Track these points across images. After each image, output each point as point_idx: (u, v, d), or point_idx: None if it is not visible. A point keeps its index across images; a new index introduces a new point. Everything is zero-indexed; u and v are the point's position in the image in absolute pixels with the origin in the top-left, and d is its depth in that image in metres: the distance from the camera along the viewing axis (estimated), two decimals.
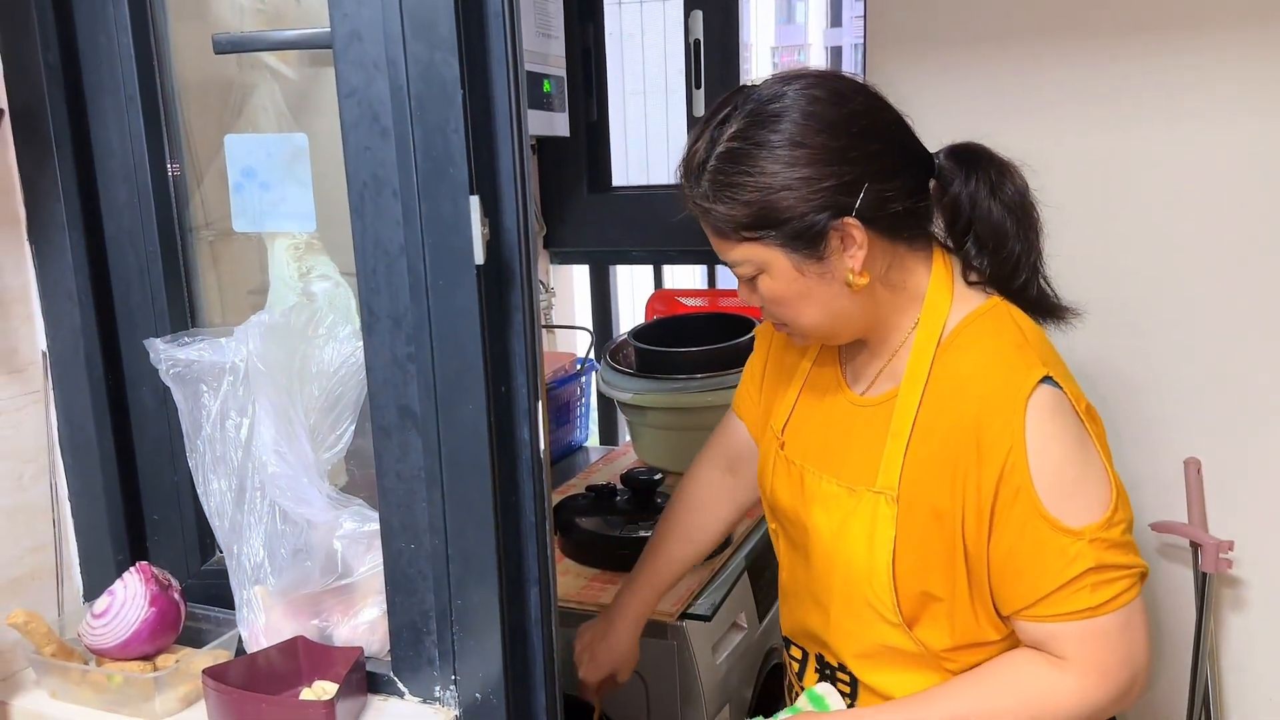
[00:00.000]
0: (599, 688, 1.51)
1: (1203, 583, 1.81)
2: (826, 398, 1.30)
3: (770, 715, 1.30)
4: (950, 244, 1.23)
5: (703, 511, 1.54)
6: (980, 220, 1.18)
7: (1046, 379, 1.11)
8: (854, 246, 1.13)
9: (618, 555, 1.74)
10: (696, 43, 2.66)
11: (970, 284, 1.21)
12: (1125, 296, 1.77)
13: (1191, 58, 1.69)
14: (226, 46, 1.16)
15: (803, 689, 1.34)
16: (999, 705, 1.13)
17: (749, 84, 1.17)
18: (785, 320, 1.21)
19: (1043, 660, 1.13)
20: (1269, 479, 1.79)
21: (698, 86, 2.68)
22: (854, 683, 1.25)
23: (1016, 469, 1.09)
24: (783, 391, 1.36)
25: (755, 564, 1.85)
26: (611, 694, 1.54)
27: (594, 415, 2.71)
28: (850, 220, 1.11)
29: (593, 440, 2.70)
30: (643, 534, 1.70)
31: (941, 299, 1.19)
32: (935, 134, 1.22)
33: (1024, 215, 1.19)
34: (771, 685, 1.84)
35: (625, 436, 2.66)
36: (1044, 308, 1.24)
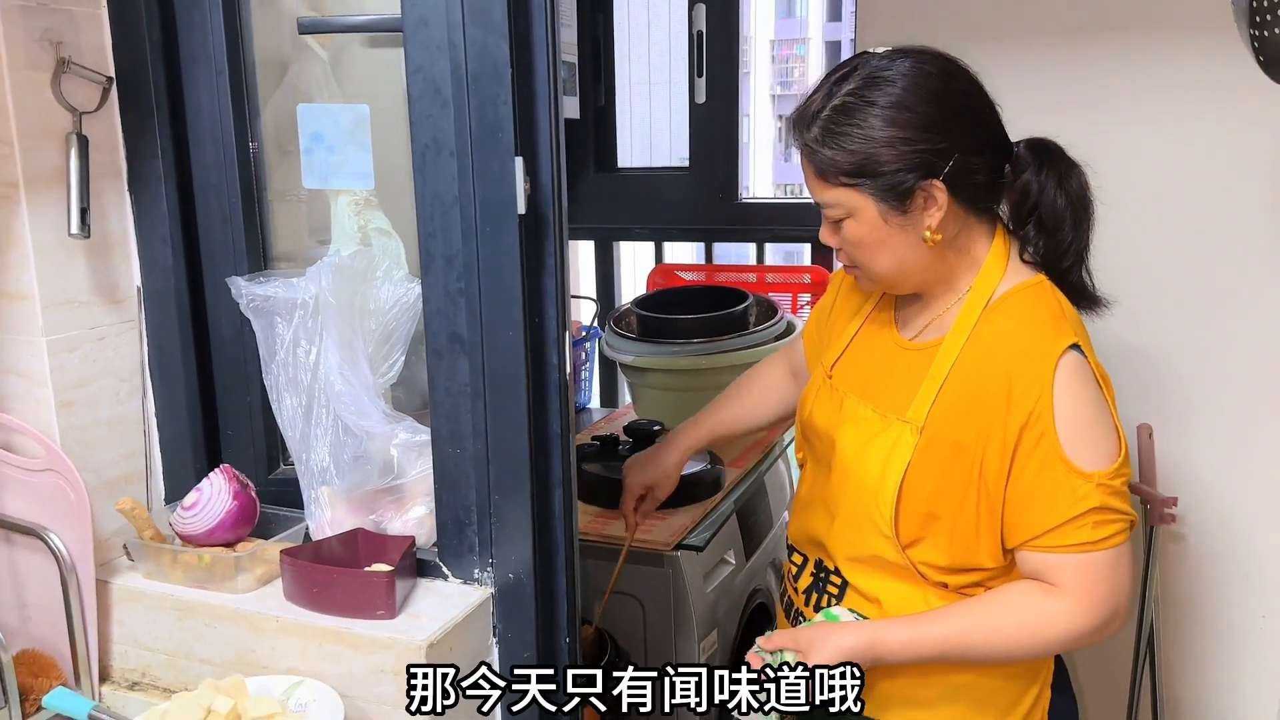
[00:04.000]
0: (638, 505, 1.76)
1: (1150, 535, 2.01)
2: (877, 338, 1.46)
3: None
4: (1012, 226, 1.38)
5: (762, 390, 1.76)
6: (1045, 206, 1.32)
7: (1075, 346, 1.26)
8: (934, 207, 1.27)
9: (619, 495, 1.87)
10: (699, 34, 2.82)
11: (1024, 262, 1.36)
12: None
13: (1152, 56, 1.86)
14: (310, 27, 1.34)
15: (796, 590, 1.50)
16: (996, 624, 1.28)
17: (871, 50, 1.30)
18: (860, 263, 1.35)
19: (1038, 588, 1.27)
20: (1210, 445, 1.98)
21: (700, 75, 2.85)
22: (844, 585, 1.42)
23: (1042, 417, 1.23)
24: (840, 331, 1.52)
25: (743, 509, 2.02)
26: (647, 516, 1.79)
27: (596, 379, 2.89)
28: (937, 183, 1.25)
29: (594, 403, 2.88)
30: None
31: (996, 269, 1.34)
32: None
33: (1082, 209, 1.33)
34: (754, 625, 2.00)
35: (625, 399, 2.82)
36: (1081, 293, 1.37)
